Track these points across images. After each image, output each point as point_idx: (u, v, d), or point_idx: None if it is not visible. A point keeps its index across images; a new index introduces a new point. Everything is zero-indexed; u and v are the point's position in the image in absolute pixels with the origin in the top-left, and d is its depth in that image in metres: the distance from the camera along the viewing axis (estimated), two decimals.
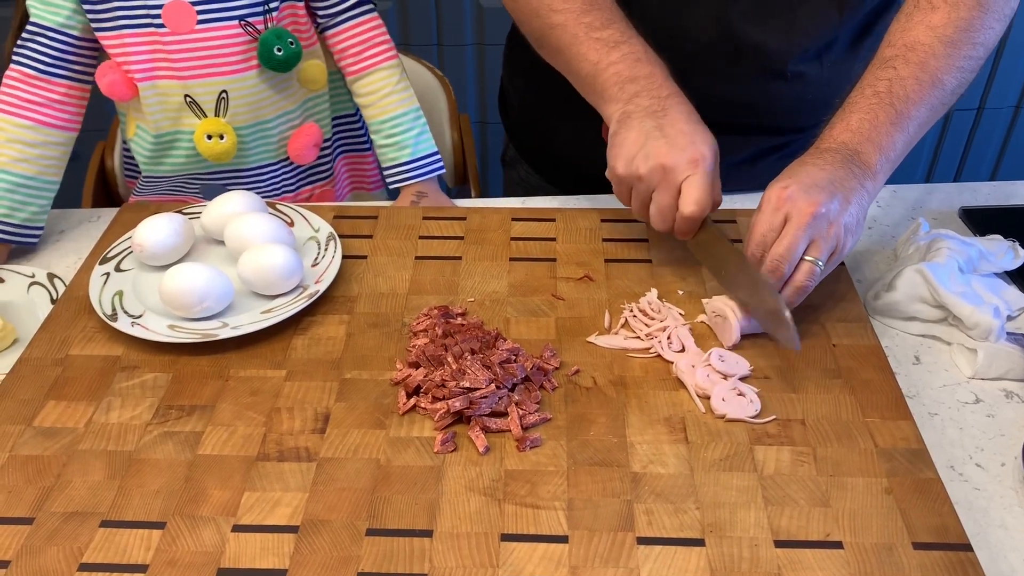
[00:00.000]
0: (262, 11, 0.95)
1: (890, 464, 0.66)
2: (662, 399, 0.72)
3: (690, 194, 0.77)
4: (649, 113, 0.81)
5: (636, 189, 0.81)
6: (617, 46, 0.84)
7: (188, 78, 0.96)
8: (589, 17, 0.86)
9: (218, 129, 0.98)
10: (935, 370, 0.80)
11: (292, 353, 0.77)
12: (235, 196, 0.87)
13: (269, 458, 0.67)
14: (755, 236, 0.75)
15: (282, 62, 0.96)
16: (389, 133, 1.03)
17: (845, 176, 0.75)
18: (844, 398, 0.72)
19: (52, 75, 0.94)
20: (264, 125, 1.02)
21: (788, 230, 0.73)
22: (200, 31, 0.93)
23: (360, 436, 0.69)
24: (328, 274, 0.82)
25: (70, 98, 0.96)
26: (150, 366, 0.75)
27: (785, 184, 0.75)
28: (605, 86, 0.84)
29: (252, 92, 0.98)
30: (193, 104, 0.97)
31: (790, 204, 0.73)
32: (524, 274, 0.85)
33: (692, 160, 0.77)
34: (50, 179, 0.96)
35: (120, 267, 0.84)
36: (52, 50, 0.94)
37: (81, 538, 0.61)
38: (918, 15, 0.82)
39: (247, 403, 0.72)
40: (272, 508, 0.63)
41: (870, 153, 0.78)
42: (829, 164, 0.76)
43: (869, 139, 0.78)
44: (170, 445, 0.68)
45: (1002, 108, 2.03)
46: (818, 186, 0.74)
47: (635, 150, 0.79)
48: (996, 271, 0.89)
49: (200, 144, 0.99)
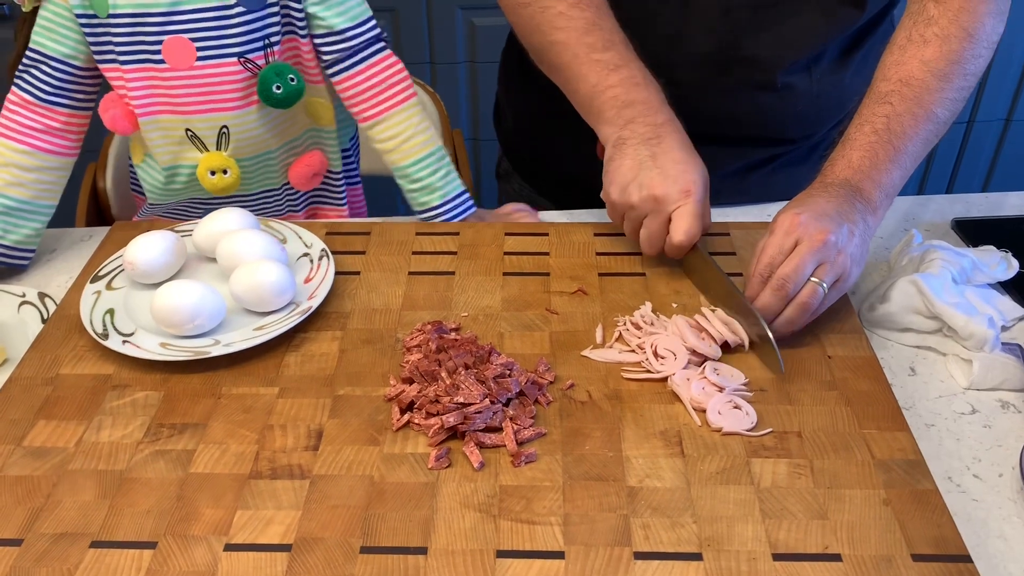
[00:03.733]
0: (262, 46, 0.93)
1: (887, 475, 0.66)
2: (657, 412, 0.71)
3: (680, 224, 0.81)
4: (644, 140, 0.83)
5: (628, 216, 0.84)
6: (617, 69, 0.86)
7: (188, 113, 0.94)
8: (591, 37, 0.87)
9: (221, 164, 0.97)
10: (931, 381, 0.80)
11: (285, 370, 0.76)
12: (227, 213, 0.86)
13: (262, 476, 0.66)
14: (764, 258, 0.77)
15: (281, 100, 0.94)
16: (416, 177, 0.97)
17: (850, 210, 0.78)
18: (840, 410, 0.72)
19: (53, 103, 0.93)
20: (268, 155, 1.00)
21: (798, 252, 0.75)
22: (200, 67, 0.92)
23: (354, 453, 0.68)
24: (321, 290, 0.82)
25: (70, 126, 0.95)
26: (141, 384, 0.75)
27: (798, 211, 0.77)
28: (602, 108, 0.86)
29: (254, 127, 0.96)
30: (195, 138, 0.96)
31: (802, 230, 0.75)
32: (518, 289, 0.85)
33: (683, 190, 0.81)
34: (46, 203, 0.95)
35: (111, 285, 0.83)
36: (54, 79, 0.92)
37: (71, 559, 0.61)
38: (911, 49, 0.84)
39: (239, 421, 0.71)
40: (265, 526, 0.63)
41: (871, 190, 0.80)
42: (835, 197, 0.78)
43: (869, 176, 0.80)
44: (162, 464, 0.68)
45: (992, 121, 2.04)
46: (828, 216, 0.76)
47: (629, 178, 0.83)
48: (989, 282, 0.89)
49: (204, 180, 0.98)
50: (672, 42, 0.96)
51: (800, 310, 0.75)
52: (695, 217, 0.81)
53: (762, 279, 0.76)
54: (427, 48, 1.91)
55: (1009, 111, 2.03)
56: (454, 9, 1.87)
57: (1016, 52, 1.94)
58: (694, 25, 0.96)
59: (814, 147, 1.10)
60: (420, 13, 1.86)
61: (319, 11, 0.92)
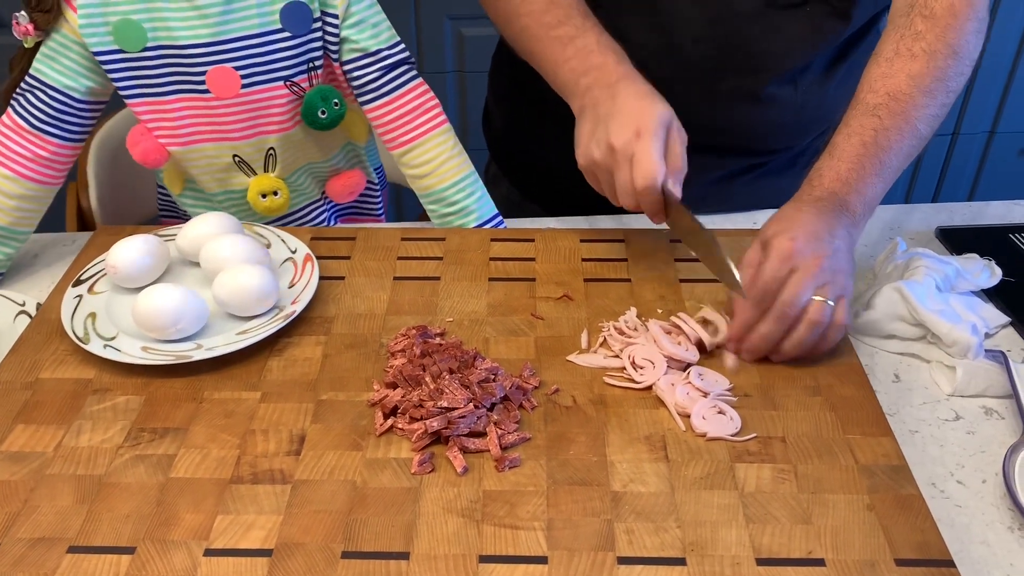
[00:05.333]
0: (307, 69, 0.92)
1: (871, 481, 0.66)
2: (642, 417, 0.71)
3: (637, 167, 0.79)
4: (600, 102, 0.84)
5: (600, 179, 0.84)
6: (571, 41, 0.87)
7: (236, 139, 0.94)
8: (548, 16, 0.88)
9: (272, 186, 0.97)
10: (915, 388, 0.80)
11: (267, 375, 0.76)
12: (210, 217, 0.86)
13: (243, 481, 0.66)
14: (760, 284, 0.76)
15: (326, 124, 0.94)
16: (451, 201, 0.97)
17: (837, 225, 0.78)
18: (824, 415, 0.72)
19: (45, 132, 0.91)
20: (312, 166, 1.01)
21: (797, 280, 0.75)
22: (245, 94, 0.91)
23: (336, 458, 0.68)
24: (305, 295, 0.81)
25: (59, 156, 0.93)
26: (122, 389, 0.74)
27: (791, 236, 0.76)
28: (564, 83, 0.88)
29: (299, 144, 0.97)
30: (242, 163, 0.96)
31: (798, 258, 0.75)
32: (503, 294, 0.85)
33: (636, 131, 0.79)
34: (22, 230, 0.93)
35: (93, 289, 0.83)
36: (50, 108, 0.90)
37: (48, 564, 0.60)
38: (899, 62, 0.84)
39: (221, 425, 0.70)
40: (245, 531, 0.62)
41: (856, 203, 0.81)
42: (824, 213, 0.79)
43: (856, 190, 0.81)
44: (141, 468, 0.67)
45: (976, 133, 2.06)
46: (821, 239, 0.77)
47: (588, 139, 0.83)
48: (973, 289, 0.90)
49: (256, 204, 0.98)
50: (659, 53, 0.97)
51: (810, 328, 0.74)
52: (649, 155, 0.79)
53: (757, 304, 0.75)
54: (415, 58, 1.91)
55: (993, 123, 2.05)
56: (442, 19, 1.87)
57: (1001, 65, 1.96)
58: (681, 36, 0.96)
59: (797, 156, 1.11)
60: (409, 23, 1.86)
61: (352, 34, 0.92)
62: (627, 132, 0.80)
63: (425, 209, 1.00)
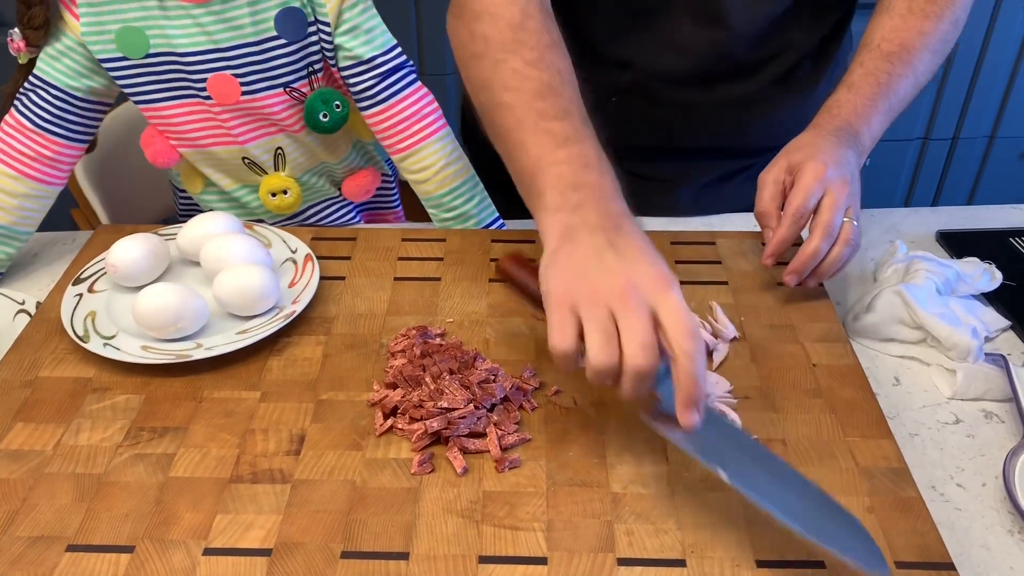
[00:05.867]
0: (306, 75, 0.92)
1: (871, 483, 0.66)
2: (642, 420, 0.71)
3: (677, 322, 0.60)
4: (598, 228, 0.67)
5: (587, 313, 0.62)
6: (566, 144, 0.72)
7: (244, 142, 0.94)
8: (543, 103, 0.74)
9: (282, 185, 0.97)
10: (915, 391, 0.80)
11: (267, 374, 0.75)
12: (211, 217, 0.86)
13: (242, 480, 0.66)
14: (797, 203, 0.81)
15: (328, 128, 0.94)
16: (450, 206, 0.97)
17: (851, 153, 0.86)
18: (824, 417, 0.71)
19: (48, 132, 0.91)
20: (323, 167, 1.01)
21: (832, 203, 0.81)
22: (246, 101, 0.91)
23: (336, 458, 0.68)
24: (305, 295, 0.81)
25: (63, 156, 0.93)
26: (122, 388, 0.74)
27: (823, 160, 0.83)
28: (543, 189, 0.71)
29: (307, 146, 0.97)
30: (252, 164, 0.96)
31: (828, 181, 0.82)
32: (504, 295, 0.85)
33: (660, 276, 0.63)
34: (24, 230, 0.93)
35: (93, 288, 0.83)
36: (53, 107, 0.91)
37: (47, 563, 0.60)
38: (913, 19, 0.92)
39: (221, 424, 0.70)
40: (245, 531, 0.62)
41: (866, 136, 0.88)
42: (842, 144, 0.85)
43: (868, 124, 0.88)
44: (141, 467, 0.67)
45: (976, 138, 2.06)
46: (842, 164, 0.84)
47: (585, 265, 0.64)
48: (973, 293, 0.90)
49: (266, 202, 0.99)
50: (656, 68, 0.97)
51: (846, 246, 0.81)
52: (688, 313, 0.61)
53: (795, 222, 0.82)
54: (416, 59, 1.92)
55: (993, 127, 2.05)
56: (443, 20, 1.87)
57: (1001, 69, 1.96)
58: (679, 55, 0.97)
59: None
60: (409, 24, 1.87)
61: (345, 41, 0.92)
62: (649, 273, 0.63)
63: (427, 211, 1.00)
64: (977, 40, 1.93)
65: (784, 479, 0.61)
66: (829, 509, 0.59)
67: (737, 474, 0.60)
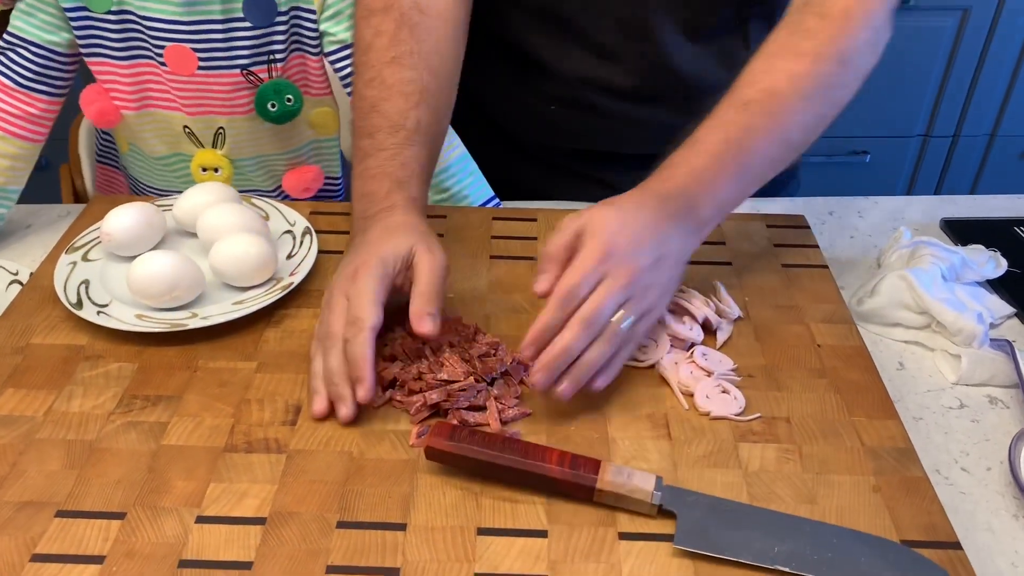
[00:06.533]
0: (266, 61, 0.91)
1: (877, 463, 0.65)
2: (644, 395, 0.70)
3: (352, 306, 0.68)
4: (355, 235, 0.75)
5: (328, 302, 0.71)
6: (364, 159, 0.78)
7: (190, 113, 0.93)
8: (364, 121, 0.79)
9: (213, 162, 0.96)
10: (919, 375, 0.79)
11: (264, 345, 0.74)
12: (209, 187, 0.84)
13: (237, 449, 0.64)
14: (567, 284, 0.66)
15: (276, 118, 0.93)
16: (443, 188, 0.95)
17: (673, 230, 0.70)
18: (829, 397, 0.71)
19: (32, 90, 0.90)
20: (266, 158, 0.99)
21: (606, 290, 0.66)
22: (201, 76, 0.90)
23: (332, 429, 0.66)
24: (304, 267, 0.80)
25: (47, 113, 0.92)
26: (115, 356, 0.73)
27: (613, 234, 0.67)
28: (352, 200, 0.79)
29: (252, 131, 0.96)
30: (192, 135, 0.95)
31: (613, 263, 0.66)
32: (505, 272, 0.84)
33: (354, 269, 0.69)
34: (14, 188, 0.93)
35: (87, 257, 0.81)
36: (35, 65, 0.90)
37: (35, 528, 0.58)
38: (782, 59, 0.76)
39: (215, 394, 0.69)
40: (239, 499, 0.61)
41: (706, 205, 0.73)
42: (663, 212, 0.70)
43: (710, 190, 0.73)
44: (133, 435, 0.65)
45: (977, 136, 2.06)
46: (643, 244, 0.68)
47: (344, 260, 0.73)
48: (978, 280, 0.89)
49: (196, 176, 0.97)
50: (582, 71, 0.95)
51: (610, 345, 0.67)
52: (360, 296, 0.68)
53: (562, 306, 0.66)
54: None
55: (994, 126, 2.05)
56: None
57: (1003, 67, 1.96)
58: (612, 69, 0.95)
59: None
60: None
61: (330, 27, 0.91)
62: (347, 271, 0.70)
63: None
64: (980, 36, 1.93)
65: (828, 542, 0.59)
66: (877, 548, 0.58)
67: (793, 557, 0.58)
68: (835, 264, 0.89)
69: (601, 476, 0.60)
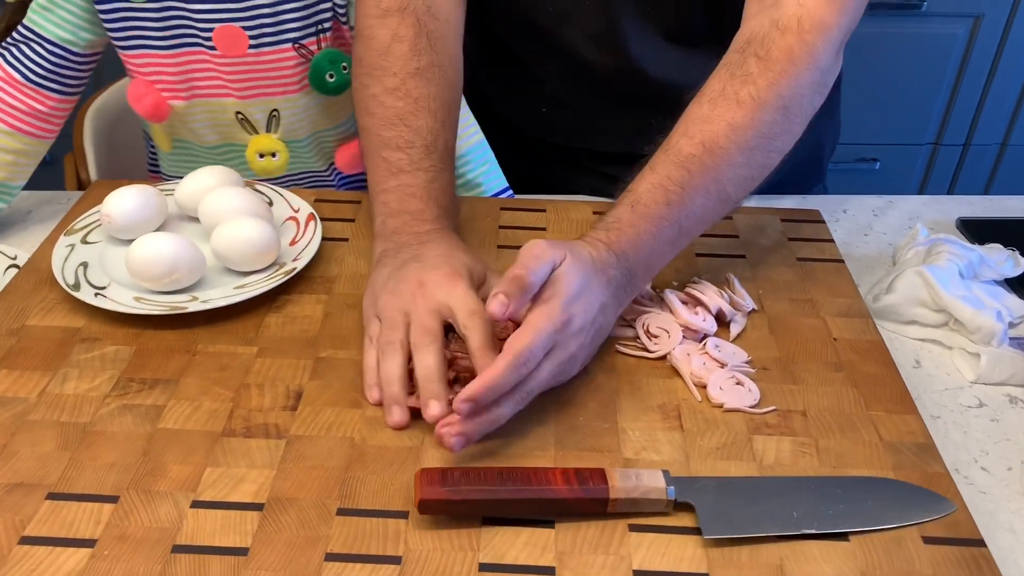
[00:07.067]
0: (315, 32, 0.90)
1: (896, 458, 0.63)
2: (656, 387, 0.68)
3: (458, 302, 0.65)
4: (406, 247, 0.72)
5: (384, 318, 0.67)
6: (398, 174, 0.76)
7: (242, 97, 0.91)
8: (389, 132, 0.77)
9: (271, 147, 0.94)
10: (936, 374, 0.77)
11: (265, 330, 0.72)
12: (210, 171, 0.83)
13: (235, 434, 0.63)
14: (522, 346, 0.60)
15: (333, 88, 0.92)
16: (458, 174, 0.92)
17: (613, 303, 0.68)
18: (846, 391, 0.68)
19: (43, 87, 0.88)
20: (317, 135, 0.98)
21: (548, 362, 0.63)
22: (253, 55, 0.89)
23: (334, 415, 0.64)
24: (307, 252, 0.78)
25: (57, 111, 0.90)
26: (112, 339, 0.71)
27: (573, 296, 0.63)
28: (374, 215, 0.77)
29: (306, 109, 0.94)
30: (245, 121, 0.93)
31: (564, 335, 0.63)
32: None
33: (449, 273, 0.67)
34: (16, 184, 0.90)
35: (87, 240, 0.79)
36: (48, 63, 0.87)
37: (24, 510, 0.56)
38: (722, 106, 0.71)
39: (214, 378, 0.67)
40: (236, 485, 0.59)
41: (643, 274, 0.71)
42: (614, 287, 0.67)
43: (648, 258, 0.70)
44: (129, 418, 0.64)
45: (989, 144, 2.04)
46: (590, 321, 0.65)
47: (387, 280, 0.69)
48: (996, 278, 0.87)
49: (253, 163, 0.95)
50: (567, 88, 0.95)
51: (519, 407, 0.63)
52: (467, 293, 0.66)
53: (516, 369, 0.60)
54: None
55: (1005, 135, 2.03)
56: None
57: (1015, 76, 1.94)
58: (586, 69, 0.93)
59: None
60: None
61: None
62: (443, 272, 0.67)
63: None
64: (992, 44, 1.91)
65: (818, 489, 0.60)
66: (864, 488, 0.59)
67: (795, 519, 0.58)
68: (850, 262, 0.87)
69: (611, 484, 0.57)
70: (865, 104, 1.93)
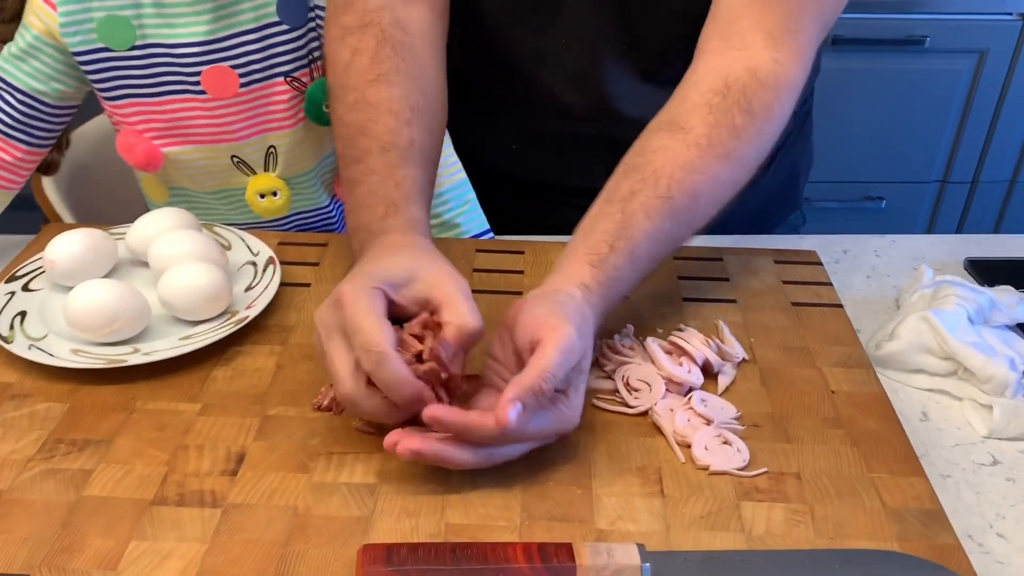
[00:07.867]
0: (307, 63, 0.87)
1: (901, 526, 0.57)
2: (635, 446, 0.62)
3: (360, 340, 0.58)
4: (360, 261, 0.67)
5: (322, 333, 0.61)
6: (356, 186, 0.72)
7: (235, 140, 0.88)
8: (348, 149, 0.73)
9: (270, 186, 0.91)
10: (946, 428, 0.71)
11: (211, 385, 0.67)
12: (165, 213, 0.78)
13: (167, 502, 0.57)
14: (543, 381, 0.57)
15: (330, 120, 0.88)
16: (433, 214, 0.88)
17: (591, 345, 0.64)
18: (845, 450, 0.63)
19: (12, 138, 0.85)
20: (317, 169, 0.94)
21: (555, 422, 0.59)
22: (244, 93, 0.86)
23: (278, 480, 0.59)
24: (261, 300, 0.73)
25: (24, 163, 0.87)
26: (45, 395, 0.65)
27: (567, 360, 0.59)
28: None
29: (302, 143, 0.91)
30: (241, 163, 0.90)
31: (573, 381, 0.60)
32: (487, 307, 0.75)
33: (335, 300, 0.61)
34: None
35: (29, 287, 0.75)
36: (19, 113, 0.85)
37: None
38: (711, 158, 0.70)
39: (150, 439, 0.62)
40: (161, 561, 0.53)
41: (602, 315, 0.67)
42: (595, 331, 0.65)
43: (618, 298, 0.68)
44: (52, 484, 0.58)
45: (997, 182, 2.00)
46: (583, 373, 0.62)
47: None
48: (1008, 323, 0.81)
49: (254, 205, 0.92)
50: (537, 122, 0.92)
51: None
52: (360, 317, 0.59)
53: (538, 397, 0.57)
54: None
55: (1014, 172, 1.99)
56: None
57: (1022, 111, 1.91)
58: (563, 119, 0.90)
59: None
60: None
61: None
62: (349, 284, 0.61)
63: None
64: (998, 80, 1.88)
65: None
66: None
67: None
68: (850, 306, 0.82)
69: (579, 563, 0.51)
70: (870, 142, 1.90)
